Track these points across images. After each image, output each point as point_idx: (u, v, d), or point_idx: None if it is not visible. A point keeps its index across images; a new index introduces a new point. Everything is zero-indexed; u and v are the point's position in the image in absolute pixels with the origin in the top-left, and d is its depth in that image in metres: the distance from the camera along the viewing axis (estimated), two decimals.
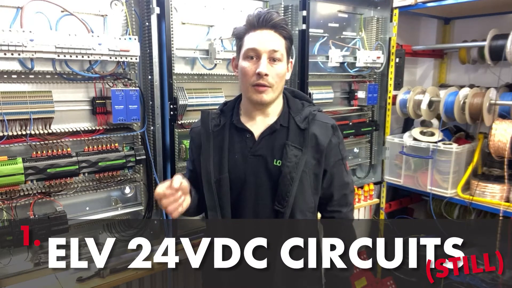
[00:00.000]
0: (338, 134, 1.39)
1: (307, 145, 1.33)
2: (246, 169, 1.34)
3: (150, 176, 1.92)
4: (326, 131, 1.36)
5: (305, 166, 1.32)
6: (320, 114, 1.40)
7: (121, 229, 1.95)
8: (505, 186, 2.36)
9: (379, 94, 2.80)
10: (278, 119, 1.36)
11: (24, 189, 1.60)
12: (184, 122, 1.97)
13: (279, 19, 1.29)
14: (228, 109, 1.42)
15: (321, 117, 1.39)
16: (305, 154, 1.32)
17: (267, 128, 1.35)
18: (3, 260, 1.65)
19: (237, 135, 1.37)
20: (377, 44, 2.72)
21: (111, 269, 1.72)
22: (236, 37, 1.35)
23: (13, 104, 1.51)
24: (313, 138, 1.34)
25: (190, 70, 2.06)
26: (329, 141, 1.36)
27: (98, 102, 1.75)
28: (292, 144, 1.33)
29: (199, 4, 2.03)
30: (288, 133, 1.34)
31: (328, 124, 1.37)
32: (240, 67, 1.31)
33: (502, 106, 2.44)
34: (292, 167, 1.31)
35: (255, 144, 1.35)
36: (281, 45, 1.29)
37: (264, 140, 1.35)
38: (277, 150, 1.33)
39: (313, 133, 1.34)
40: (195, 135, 1.44)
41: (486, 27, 2.59)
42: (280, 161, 1.32)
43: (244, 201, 1.35)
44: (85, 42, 1.57)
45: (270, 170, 1.33)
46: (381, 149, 2.91)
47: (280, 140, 1.34)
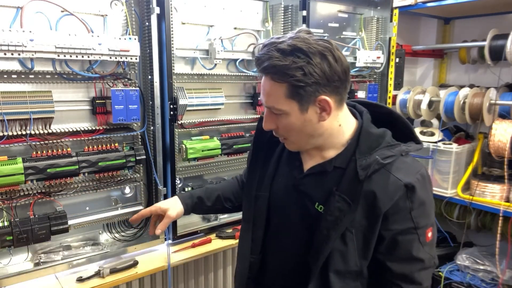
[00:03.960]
0: (413, 198, 0.99)
1: (358, 200, 1.00)
2: (287, 199, 1.14)
3: (150, 176, 1.93)
4: (393, 190, 0.98)
5: (351, 225, 1.01)
6: (401, 162, 1.02)
7: (121, 229, 1.95)
8: (505, 186, 2.36)
9: (379, 94, 2.80)
10: (336, 157, 1.07)
11: (24, 189, 1.60)
12: (184, 122, 1.97)
13: (265, 58, 0.96)
14: None
15: (398, 169, 1.00)
16: (353, 212, 1.01)
17: (317, 165, 1.09)
18: (3, 260, 1.65)
19: (288, 157, 1.17)
20: (377, 44, 2.72)
21: (111, 269, 1.72)
22: None
23: (13, 104, 1.51)
24: (370, 195, 0.99)
25: (190, 70, 2.06)
26: (394, 204, 0.99)
27: (98, 102, 1.75)
28: (340, 194, 1.02)
29: (199, 4, 2.03)
30: (342, 178, 1.04)
31: (400, 182, 0.98)
32: None
33: (502, 106, 2.45)
34: (332, 222, 1.02)
35: (300, 177, 1.12)
36: (278, 95, 0.99)
37: (311, 177, 1.10)
38: (323, 193, 1.06)
39: (371, 191, 0.99)
40: (259, 133, 1.24)
41: (486, 27, 2.59)
42: (322, 207, 1.06)
43: (279, 228, 1.18)
44: (85, 42, 1.57)
45: (310, 212, 1.08)
46: None
47: (330, 184, 1.05)
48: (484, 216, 2.68)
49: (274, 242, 1.20)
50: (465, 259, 2.57)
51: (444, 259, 2.72)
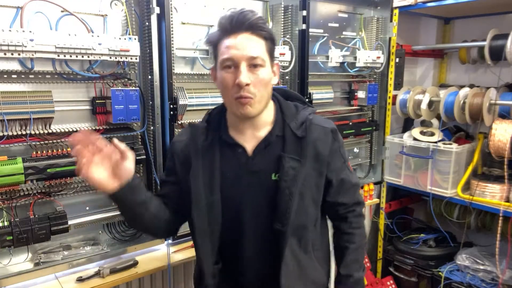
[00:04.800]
0: (338, 138, 1.28)
1: (306, 155, 1.20)
2: (241, 188, 1.21)
3: (150, 176, 1.93)
4: (326, 137, 1.24)
5: (304, 180, 1.20)
6: (317, 117, 1.27)
7: (121, 229, 1.95)
8: (505, 186, 2.36)
9: (379, 94, 2.80)
10: (273, 129, 1.23)
11: (24, 189, 1.60)
12: (184, 122, 1.97)
13: (255, 18, 1.13)
14: (215, 121, 1.27)
15: (319, 121, 1.26)
16: (304, 166, 1.20)
17: (261, 141, 1.22)
18: (3, 260, 1.65)
19: (227, 150, 1.23)
20: (377, 44, 2.72)
21: (111, 269, 1.72)
22: (210, 45, 1.20)
23: (13, 104, 1.51)
24: (312, 147, 1.21)
25: (190, 70, 2.06)
26: (330, 148, 1.24)
27: (98, 102, 1.75)
28: (288, 156, 1.19)
29: (199, 4, 2.03)
30: (284, 143, 1.21)
31: (327, 129, 1.25)
32: (218, 78, 1.17)
33: (502, 106, 2.44)
34: (291, 181, 1.18)
35: (249, 159, 1.22)
36: (261, 48, 1.13)
37: (260, 155, 1.22)
38: (274, 163, 1.20)
39: (312, 142, 1.21)
40: (179, 150, 1.27)
41: (486, 27, 2.59)
42: (276, 175, 1.20)
43: (242, 223, 1.23)
44: (85, 42, 1.57)
45: (267, 186, 1.21)
46: (381, 149, 2.91)
47: (276, 152, 1.21)
48: (484, 216, 2.68)
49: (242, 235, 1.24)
50: (465, 259, 2.57)
51: (444, 259, 2.72)
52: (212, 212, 1.21)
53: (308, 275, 1.27)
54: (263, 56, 1.13)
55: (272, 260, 1.23)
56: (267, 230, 1.22)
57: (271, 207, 1.20)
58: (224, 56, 1.12)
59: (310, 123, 1.23)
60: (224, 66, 1.14)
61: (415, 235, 2.91)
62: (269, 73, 1.17)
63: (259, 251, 1.25)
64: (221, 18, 1.14)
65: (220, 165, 1.22)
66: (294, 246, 1.22)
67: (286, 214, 1.18)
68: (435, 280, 2.65)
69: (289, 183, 1.18)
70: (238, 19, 1.12)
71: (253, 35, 1.13)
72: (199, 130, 1.26)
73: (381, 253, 3.04)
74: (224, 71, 1.14)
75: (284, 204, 1.18)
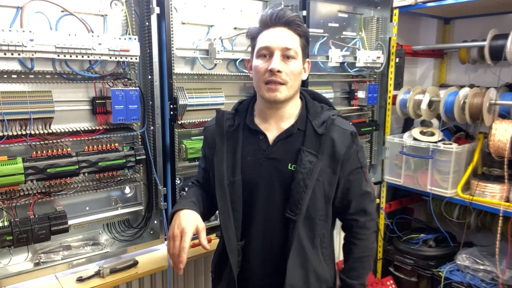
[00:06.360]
0: (357, 142, 1.34)
1: (323, 151, 1.27)
2: (259, 172, 1.30)
3: (150, 176, 1.92)
4: (344, 138, 1.30)
5: (319, 174, 1.27)
6: (339, 119, 1.34)
7: (121, 229, 1.95)
8: (505, 186, 2.36)
9: (379, 94, 2.80)
10: (295, 122, 1.31)
11: (24, 189, 1.60)
12: (184, 122, 1.98)
13: (293, 15, 1.25)
14: (243, 109, 1.39)
15: (341, 123, 1.33)
16: (320, 161, 1.27)
17: (283, 131, 1.31)
18: (3, 260, 1.65)
19: (250, 136, 1.33)
20: (377, 44, 2.72)
21: (111, 269, 1.72)
22: (250, 38, 1.32)
23: (13, 104, 1.51)
24: (330, 145, 1.28)
25: (190, 70, 2.06)
26: (347, 149, 1.30)
27: (98, 102, 1.75)
28: (307, 150, 1.27)
29: (199, 4, 2.03)
30: (305, 138, 1.29)
31: (347, 131, 1.32)
32: (253, 66, 1.28)
33: (502, 106, 2.44)
34: (306, 173, 1.25)
35: (269, 147, 1.30)
36: (295, 42, 1.25)
37: (280, 144, 1.30)
38: (292, 155, 1.28)
39: (330, 140, 1.28)
40: (208, 134, 1.41)
41: (486, 27, 2.59)
42: (294, 166, 1.27)
43: (255, 205, 1.31)
44: (85, 42, 1.57)
45: (283, 174, 1.28)
46: (381, 149, 2.91)
47: (296, 145, 1.29)
48: (484, 216, 2.68)
49: (253, 216, 1.32)
50: (465, 259, 2.57)
51: (444, 259, 2.72)
52: (234, 191, 1.30)
53: (312, 265, 1.32)
54: (296, 49, 1.25)
55: (278, 248, 1.29)
56: (277, 217, 1.29)
57: (284, 194, 1.28)
58: (261, 45, 1.25)
59: (331, 123, 1.30)
60: (260, 55, 1.25)
61: (415, 235, 2.91)
62: (300, 67, 1.27)
63: (266, 238, 1.33)
64: (262, 14, 1.27)
65: (242, 149, 1.32)
66: (302, 236, 1.28)
67: (299, 204, 1.25)
68: (435, 280, 2.65)
69: (305, 175, 1.25)
70: (278, 15, 1.24)
71: (290, 30, 1.25)
72: (226, 115, 1.37)
73: (381, 253, 3.04)
74: (259, 59, 1.25)
75: (298, 195, 1.25)
